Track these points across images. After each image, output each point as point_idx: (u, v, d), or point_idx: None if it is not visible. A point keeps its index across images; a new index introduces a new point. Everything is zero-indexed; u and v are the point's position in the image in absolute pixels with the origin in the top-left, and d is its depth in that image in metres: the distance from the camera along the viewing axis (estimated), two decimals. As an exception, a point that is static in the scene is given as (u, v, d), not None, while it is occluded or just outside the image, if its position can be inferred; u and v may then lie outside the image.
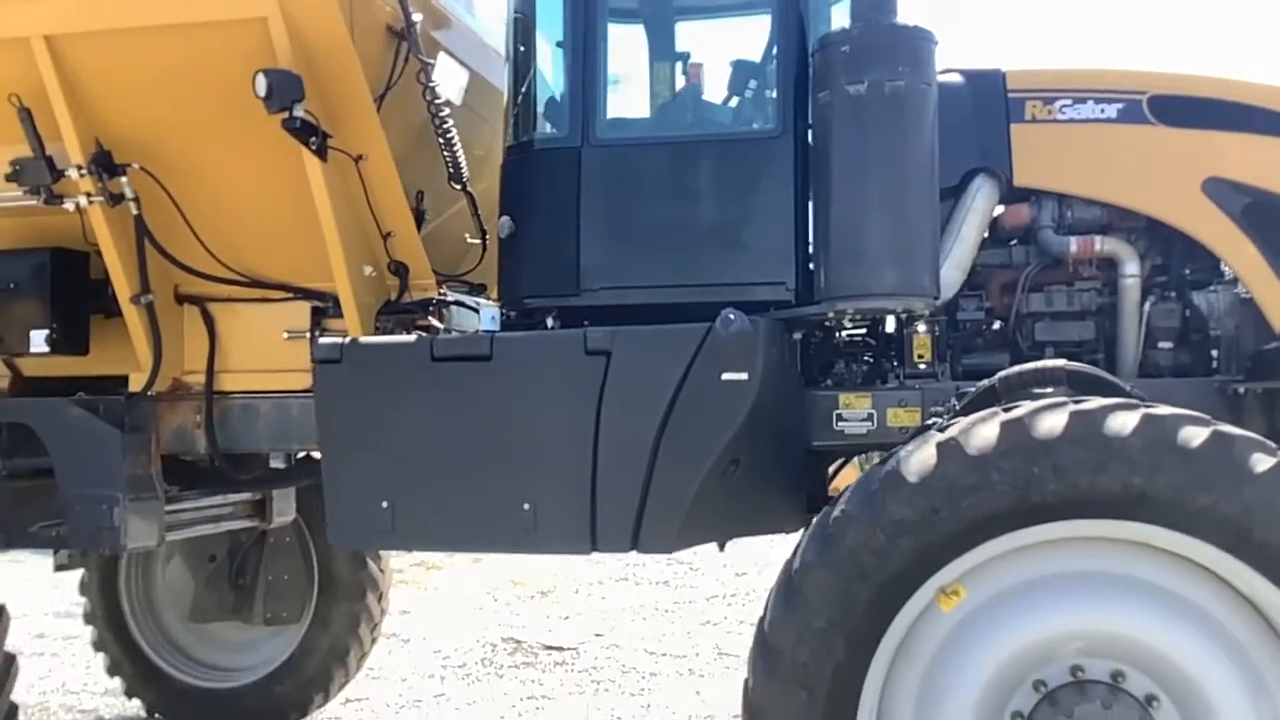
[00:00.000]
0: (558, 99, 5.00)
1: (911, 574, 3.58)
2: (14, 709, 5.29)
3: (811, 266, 4.70)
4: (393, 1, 4.97)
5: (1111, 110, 4.92)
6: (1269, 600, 3.46)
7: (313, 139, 4.74)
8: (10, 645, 5.56)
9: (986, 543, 3.57)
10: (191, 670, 7.73)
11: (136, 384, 5.43)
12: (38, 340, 5.25)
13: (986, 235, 5.19)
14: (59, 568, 7.64)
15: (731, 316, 4.10)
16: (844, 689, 3.59)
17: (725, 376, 4.15)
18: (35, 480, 5.66)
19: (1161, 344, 4.87)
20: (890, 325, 5.07)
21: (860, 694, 3.60)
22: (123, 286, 5.28)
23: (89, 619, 7.81)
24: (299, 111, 4.61)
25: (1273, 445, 3.55)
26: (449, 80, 5.75)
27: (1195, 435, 3.46)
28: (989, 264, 5.14)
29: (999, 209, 5.14)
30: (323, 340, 4.66)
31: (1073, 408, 3.58)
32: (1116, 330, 4.90)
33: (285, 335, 5.38)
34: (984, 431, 3.59)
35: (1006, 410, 3.65)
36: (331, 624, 7.45)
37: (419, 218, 5.67)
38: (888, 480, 3.61)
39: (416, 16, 5.09)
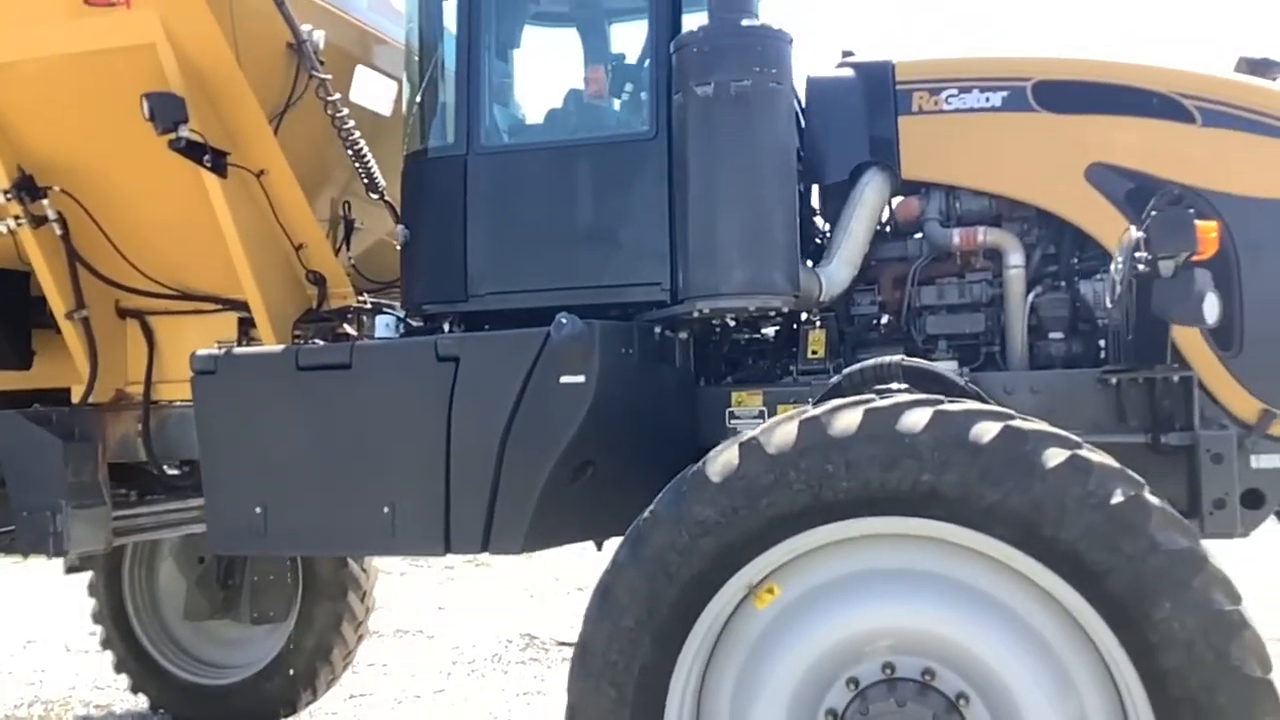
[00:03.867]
0: (447, 109, 5.10)
1: (714, 573, 3.60)
2: None
3: (681, 267, 4.73)
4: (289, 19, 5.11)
5: (996, 99, 4.86)
6: (1064, 596, 3.41)
7: (206, 157, 4.93)
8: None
9: (785, 541, 3.57)
10: (190, 667, 8.06)
11: (77, 395, 5.71)
12: (-22, 358, 5.55)
13: (887, 229, 5.18)
14: (69, 570, 8.05)
15: (564, 321, 4.16)
16: (651, 687, 3.63)
17: (563, 380, 4.22)
18: (-5, 489, 5.98)
19: (1052, 334, 4.79)
20: (769, 324, 5.07)
21: (668, 692, 3.64)
22: (57, 303, 5.57)
23: (97, 618, 8.19)
24: (184, 132, 4.80)
25: (1074, 439, 3.49)
26: (376, 92, 5.92)
27: (986, 431, 3.42)
28: (885, 258, 5.11)
29: (896, 201, 5.11)
30: (199, 352, 4.84)
31: (868, 405, 3.57)
32: (1004, 322, 4.83)
33: (216, 346, 5.60)
34: (784, 431, 3.60)
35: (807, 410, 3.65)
36: (315, 622, 7.70)
37: (348, 227, 5.86)
38: (693, 481, 3.65)
39: (318, 33, 5.25)
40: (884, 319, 5.04)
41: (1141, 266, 3.87)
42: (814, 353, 5.00)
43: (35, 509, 5.61)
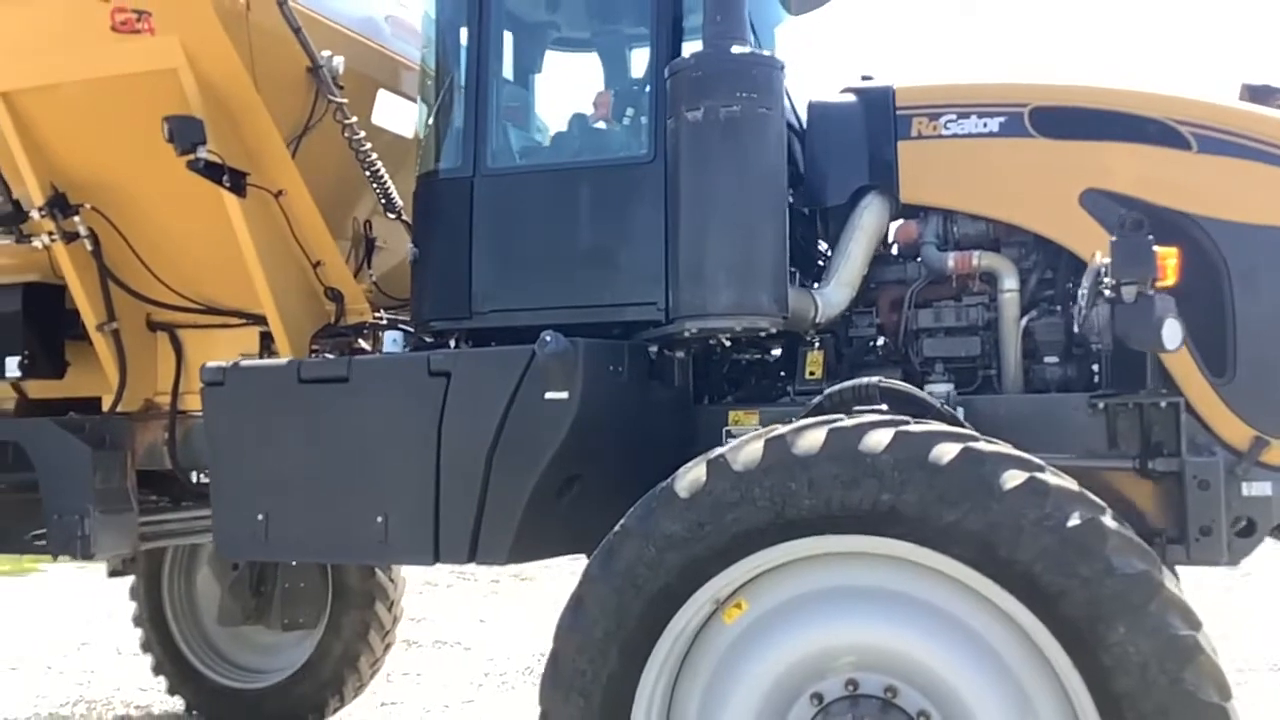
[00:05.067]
0: (455, 132, 5.25)
1: (680, 587, 3.69)
2: None
3: (679, 288, 4.81)
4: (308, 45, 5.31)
5: (994, 124, 4.89)
6: (1021, 618, 3.44)
7: (224, 177, 5.13)
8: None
9: (749, 557, 3.65)
10: (224, 670, 8.28)
11: (107, 405, 5.95)
12: (11, 366, 5.81)
13: (891, 252, 5.23)
14: (111, 574, 8.37)
15: (548, 338, 4.27)
16: (618, 697, 3.72)
17: (547, 395, 4.32)
18: (32, 493, 6.23)
19: (1046, 359, 4.80)
20: (769, 344, 5.13)
21: (633, 702, 3.72)
22: (89, 316, 5.82)
23: (137, 622, 8.45)
24: (202, 153, 5.01)
25: (1035, 462, 3.53)
26: (397, 115, 6.11)
27: (946, 452, 3.47)
28: (884, 281, 5.16)
29: (896, 225, 5.16)
30: (208, 364, 5.03)
31: (832, 425, 3.63)
32: (999, 346, 4.86)
33: (240, 359, 5.80)
34: (750, 449, 3.68)
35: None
36: (343, 630, 7.88)
37: (369, 246, 6.04)
38: (662, 497, 3.74)
39: (338, 59, 5.45)
40: (882, 341, 5.08)
41: (1107, 292, 3.89)
42: (811, 373, 5.06)
43: (65, 512, 5.85)
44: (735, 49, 4.47)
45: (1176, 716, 3.24)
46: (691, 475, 3.72)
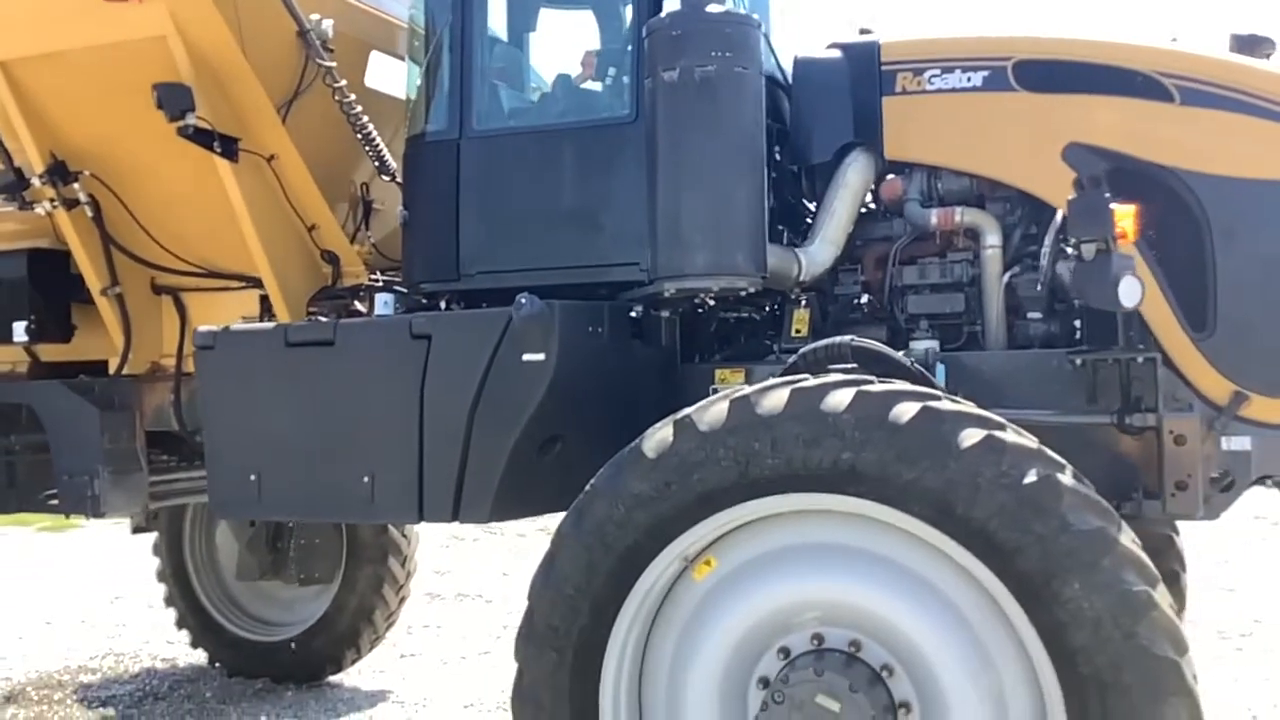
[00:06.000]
0: (442, 94, 5.29)
1: (647, 545, 3.75)
2: None
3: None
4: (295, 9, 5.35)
5: (978, 78, 4.86)
6: (980, 574, 3.48)
7: (215, 143, 5.21)
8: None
9: (715, 515, 3.70)
10: (244, 624, 8.48)
11: (113, 367, 6.07)
12: (19, 331, 5.95)
13: (876, 209, 5.23)
14: (135, 530, 8.57)
15: (523, 301, 4.32)
16: (589, 652, 3.80)
17: (525, 357, 4.39)
18: (46, 454, 6.40)
19: (1030, 314, 4.80)
20: (756, 302, 5.15)
21: (604, 657, 3.80)
22: (93, 280, 5.94)
23: (160, 577, 8.65)
24: (191, 119, 5.08)
25: (996, 420, 3.55)
26: (392, 78, 6.14)
27: (906, 411, 3.50)
28: (870, 238, 5.17)
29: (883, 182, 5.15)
30: (200, 328, 5.13)
31: (795, 385, 3.67)
32: (982, 302, 4.86)
33: (241, 321, 5.91)
34: (715, 410, 3.72)
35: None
36: (358, 585, 8.03)
37: (367, 208, 6.11)
38: (630, 457, 3.80)
39: (327, 22, 5.49)
40: (867, 298, 5.09)
41: (1069, 250, 3.89)
42: (798, 331, 5.08)
43: (75, 473, 6.01)
44: (711, 7, 4.47)
45: (1130, 671, 3.28)
46: (659, 435, 3.78)
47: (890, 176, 5.09)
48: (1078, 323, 4.71)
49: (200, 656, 8.65)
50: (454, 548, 13.95)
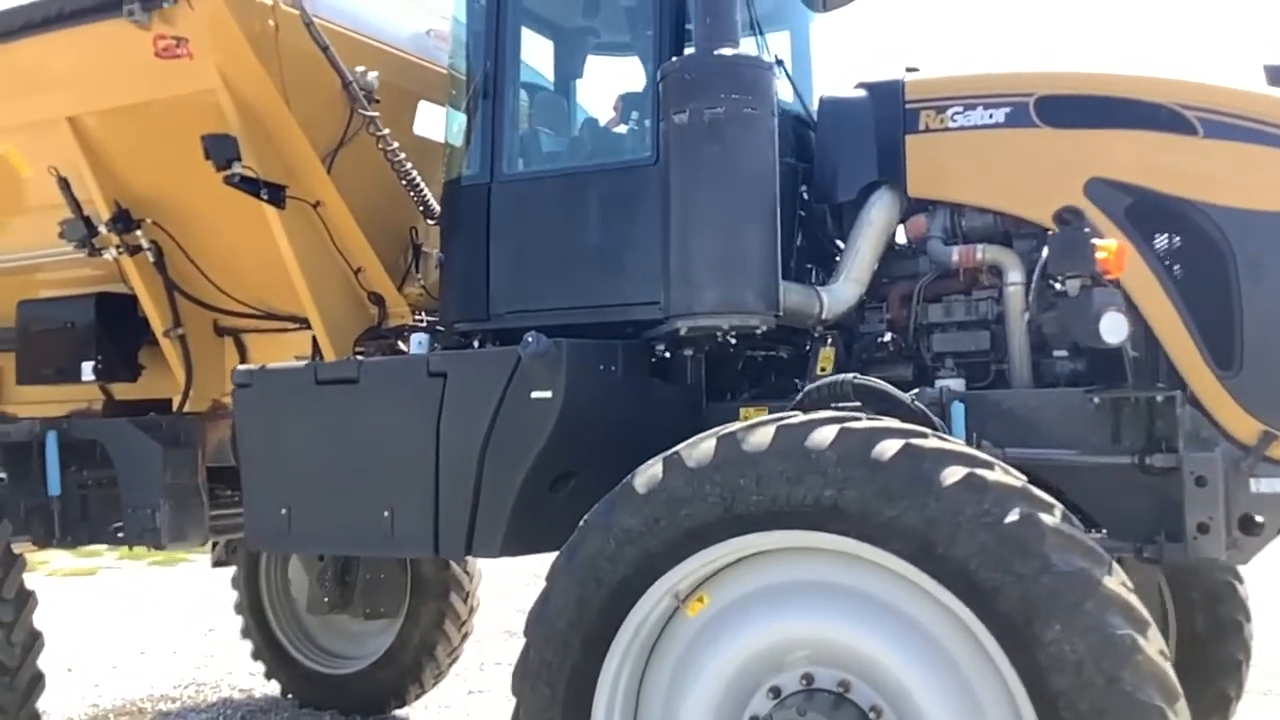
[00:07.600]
0: (475, 139, 5.44)
1: (636, 580, 3.78)
2: (39, 678, 6.24)
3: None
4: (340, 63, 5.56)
5: (1000, 115, 4.83)
6: (962, 615, 3.42)
7: (261, 191, 5.43)
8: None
9: (702, 551, 3.72)
10: (315, 656, 8.67)
11: (176, 405, 6.34)
12: (86, 370, 6.25)
13: (901, 247, 5.21)
14: (216, 564, 8.85)
15: (530, 339, 4.41)
16: (580, 687, 3.84)
17: (533, 395, 4.47)
18: (116, 489, 6.69)
19: (1055, 352, 4.72)
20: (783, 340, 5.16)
21: (595, 691, 3.84)
22: (156, 322, 6.22)
23: (238, 610, 8.91)
24: (237, 168, 5.32)
25: (981, 458, 3.51)
26: (440, 125, 6.33)
27: (888, 448, 3.48)
28: (896, 276, 5.15)
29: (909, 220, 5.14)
30: (238, 367, 5.33)
31: (781, 422, 3.67)
32: (1006, 340, 4.79)
33: (294, 360, 6.12)
34: (704, 447, 3.75)
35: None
36: (421, 620, 8.17)
37: (416, 251, 6.29)
38: (622, 493, 3.84)
39: (372, 74, 5.70)
40: (891, 336, 5.06)
41: (1058, 285, 3.83)
42: (823, 369, 5.06)
43: (139, 506, 6.27)
44: (722, 51, 4.52)
45: (1113, 717, 3.19)
46: (650, 472, 3.82)
47: (915, 215, 5.07)
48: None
49: (275, 688, 8.87)
50: (535, 586, 14.03)
